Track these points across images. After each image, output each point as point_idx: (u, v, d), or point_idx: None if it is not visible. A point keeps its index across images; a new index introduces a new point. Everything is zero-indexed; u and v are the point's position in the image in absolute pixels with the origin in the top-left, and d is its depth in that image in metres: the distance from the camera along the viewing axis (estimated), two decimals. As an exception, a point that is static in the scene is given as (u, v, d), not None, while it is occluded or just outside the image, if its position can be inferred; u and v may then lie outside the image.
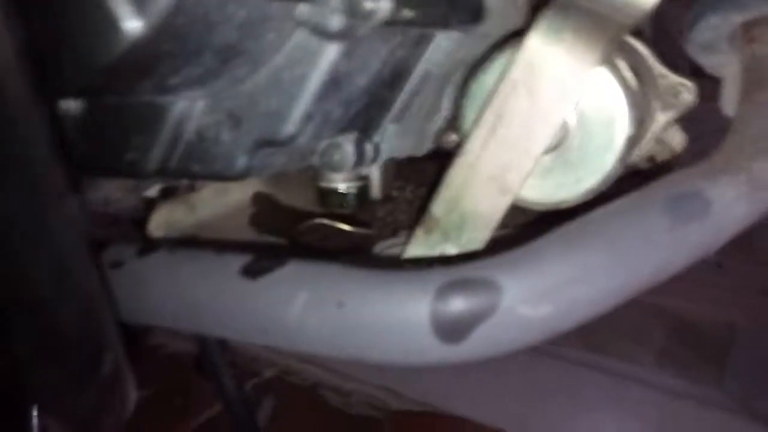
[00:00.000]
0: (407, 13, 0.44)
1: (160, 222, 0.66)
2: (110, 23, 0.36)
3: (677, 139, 0.64)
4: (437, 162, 0.71)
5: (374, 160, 0.61)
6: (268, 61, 0.47)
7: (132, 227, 0.71)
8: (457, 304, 0.37)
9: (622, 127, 0.48)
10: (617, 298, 0.38)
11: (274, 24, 0.44)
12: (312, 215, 0.74)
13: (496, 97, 0.48)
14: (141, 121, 0.51)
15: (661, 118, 0.58)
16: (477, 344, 0.37)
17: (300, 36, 0.46)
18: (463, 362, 0.39)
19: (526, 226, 0.52)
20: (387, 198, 0.74)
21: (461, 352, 0.38)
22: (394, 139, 0.62)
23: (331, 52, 0.46)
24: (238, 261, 0.45)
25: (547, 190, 0.50)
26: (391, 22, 0.42)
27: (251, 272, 0.43)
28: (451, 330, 0.37)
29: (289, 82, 0.48)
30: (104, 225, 0.73)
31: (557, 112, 0.46)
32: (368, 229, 0.72)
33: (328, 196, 0.69)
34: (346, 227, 0.71)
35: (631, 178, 0.50)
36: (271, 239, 0.67)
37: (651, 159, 0.63)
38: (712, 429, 1.23)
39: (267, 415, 1.41)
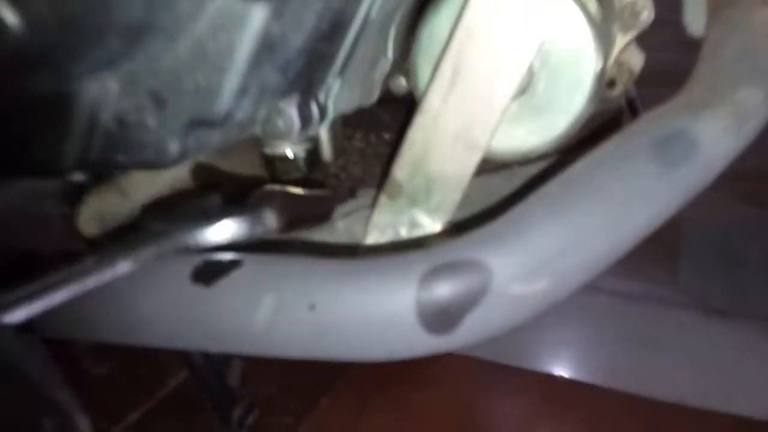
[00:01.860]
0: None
1: (91, 215, 0.60)
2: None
3: (636, 59, 0.60)
4: (384, 105, 0.66)
5: (321, 120, 0.55)
6: (186, 32, 0.40)
7: (62, 226, 0.64)
8: (444, 292, 0.33)
9: (590, 64, 0.44)
10: (613, 257, 0.35)
11: (187, -12, 0.37)
12: (259, 181, 0.68)
13: (451, 46, 0.42)
14: (46, 112, 0.44)
15: (621, 41, 0.54)
16: (469, 331, 0.34)
17: (221, 0, 0.39)
18: (454, 349, 0.36)
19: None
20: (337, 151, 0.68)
21: (453, 340, 0.35)
22: (340, 94, 0.56)
23: (258, 13, 0.40)
24: (186, 264, 0.39)
25: (516, 139, 0.46)
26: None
27: (204, 277, 0.38)
28: (440, 320, 0.34)
29: (215, 53, 0.41)
30: (29, 230, 0.66)
31: (522, 55, 0.41)
32: (323, 189, 0.67)
33: (275, 162, 0.63)
34: (299, 191, 0.66)
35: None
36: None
37: (611, 83, 0.60)
38: (671, 327, 1.28)
39: (237, 376, 1.39)
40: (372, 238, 0.49)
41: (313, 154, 0.64)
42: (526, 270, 0.33)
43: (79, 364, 1.14)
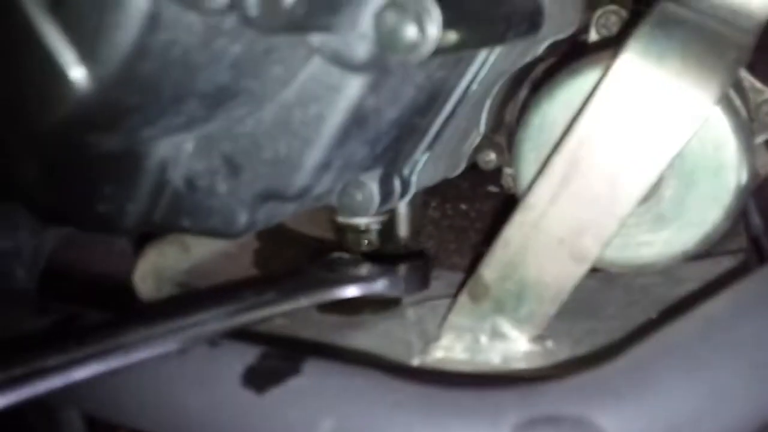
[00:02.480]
0: (459, 38, 0.33)
1: (148, 270, 0.56)
2: (53, 75, 0.26)
3: (762, 161, 0.53)
4: (466, 173, 0.60)
5: (403, 195, 0.50)
6: (274, 98, 0.36)
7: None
8: (542, 454, 0.27)
9: (733, 176, 0.37)
10: (754, 425, 0.28)
11: (281, 54, 0.33)
12: (326, 246, 0.63)
13: (569, 138, 0.37)
14: (111, 168, 0.41)
15: (756, 141, 0.47)
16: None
17: (315, 67, 0.35)
18: None
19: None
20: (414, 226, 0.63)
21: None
22: (425, 168, 0.51)
23: (355, 84, 0.35)
24: (238, 361, 0.35)
25: (630, 249, 0.40)
26: (439, 52, 0.31)
27: (256, 380, 0.33)
28: (531, 483, 0.28)
29: (302, 123, 0.37)
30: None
31: (656, 160, 0.35)
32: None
33: (346, 232, 0.59)
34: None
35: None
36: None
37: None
38: None
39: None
40: (447, 340, 0.43)
41: (388, 228, 0.59)
42: (648, 439, 0.27)
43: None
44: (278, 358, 0.34)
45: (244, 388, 0.33)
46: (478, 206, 0.74)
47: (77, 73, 0.25)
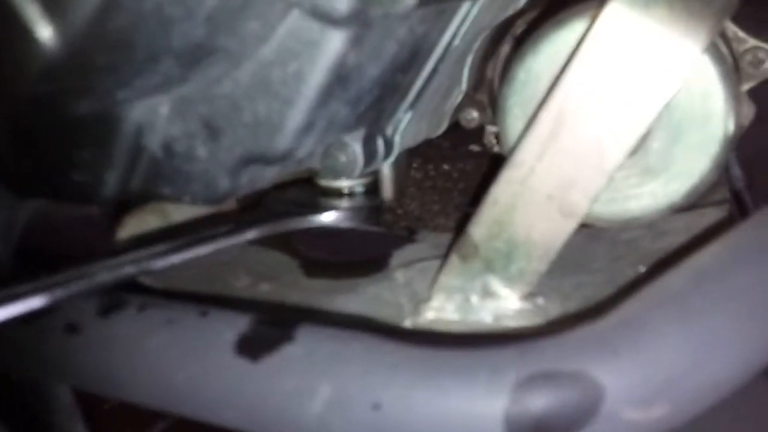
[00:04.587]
0: (443, -12, 0.31)
1: (128, 238, 0.55)
2: (19, 33, 0.24)
3: (745, 111, 0.53)
4: (447, 133, 0.59)
5: (386, 156, 0.49)
6: (251, 56, 0.35)
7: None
8: (542, 408, 0.27)
9: (721, 125, 0.37)
10: (746, 377, 0.28)
11: (258, 9, 0.32)
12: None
13: (555, 92, 0.36)
14: (86, 133, 0.39)
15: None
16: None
17: (294, 21, 0.33)
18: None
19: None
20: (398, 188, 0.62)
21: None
22: (408, 128, 0.50)
23: (336, 39, 0.34)
24: (230, 328, 0.34)
25: (617, 203, 0.39)
26: (422, 2, 0.30)
27: (250, 347, 0.33)
28: (531, 439, 0.28)
29: (282, 82, 0.35)
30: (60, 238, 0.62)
31: (643, 112, 0.34)
32: (377, 226, 0.61)
33: (329, 194, 0.58)
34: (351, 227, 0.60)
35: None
36: (266, 256, 0.56)
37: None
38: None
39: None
40: (437, 301, 0.43)
41: (372, 190, 0.59)
42: (646, 391, 0.27)
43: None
44: (270, 326, 0.34)
45: (238, 357, 0.32)
46: (461, 166, 0.73)
47: (43, 30, 0.24)
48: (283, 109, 0.36)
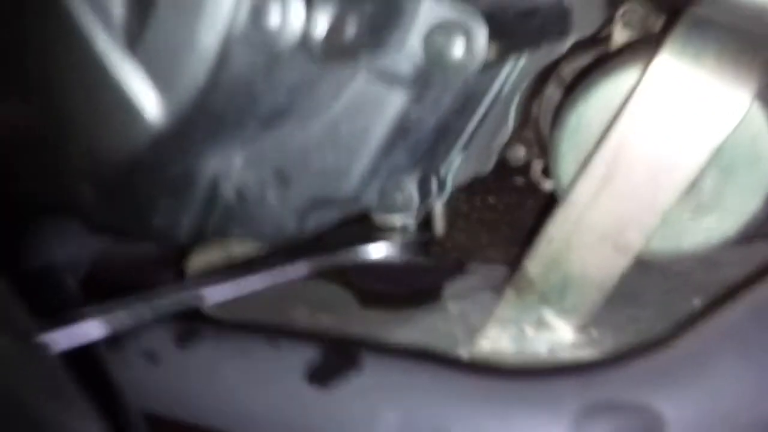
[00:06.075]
0: (499, 51, 0.34)
1: (197, 269, 0.58)
2: (130, 114, 0.28)
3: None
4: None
5: (439, 195, 0.52)
6: (322, 114, 0.38)
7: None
8: (604, 437, 0.28)
9: (771, 166, 0.38)
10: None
11: (331, 74, 0.35)
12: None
13: (609, 137, 0.38)
14: (167, 184, 0.43)
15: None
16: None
17: (361, 82, 0.36)
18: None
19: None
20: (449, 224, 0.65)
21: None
22: (459, 167, 0.52)
23: (398, 97, 0.37)
24: (299, 358, 0.37)
25: (671, 239, 0.41)
26: (483, 67, 0.33)
27: (319, 376, 0.35)
28: (592, 468, 0.29)
29: (349, 136, 0.39)
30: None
31: (696, 155, 0.36)
32: (426, 257, 0.64)
33: (383, 230, 0.61)
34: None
35: None
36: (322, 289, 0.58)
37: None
38: None
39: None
40: (493, 332, 0.45)
41: (424, 227, 0.61)
42: (705, 424, 0.28)
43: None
44: (336, 355, 0.36)
45: (309, 385, 0.35)
46: (506, 199, 0.75)
47: (153, 110, 0.27)
48: (349, 160, 0.39)
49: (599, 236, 0.39)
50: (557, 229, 0.40)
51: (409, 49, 0.33)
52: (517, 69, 0.47)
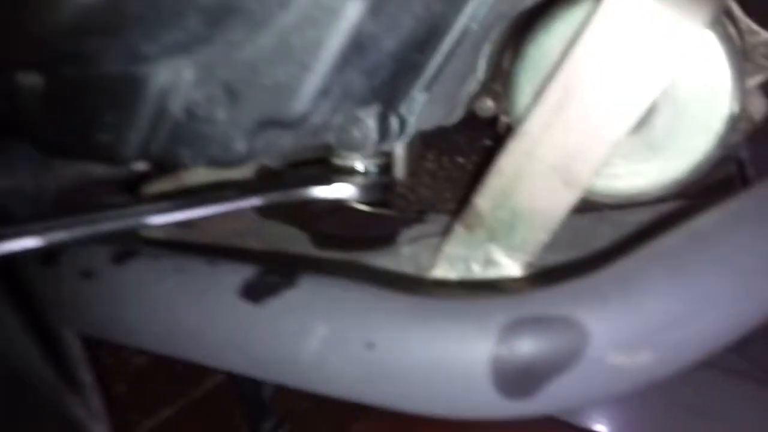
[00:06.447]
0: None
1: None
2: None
3: (757, 106, 0.54)
4: (461, 126, 0.61)
5: (400, 135, 0.51)
6: (272, 21, 0.36)
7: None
8: (528, 350, 0.28)
9: (725, 105, 0.38)
10: (734, 335, 0.29)
11: (280, -28, 0.34)
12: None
13: (564, 66, 0.37)
14: (113, 95, 0.41)
15: (749, 83, 0.47)
16: (549, 399, 0.29)
17: (314, -12, 0.35)
18: (526, 416, 0.30)
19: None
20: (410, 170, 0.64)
21: (527, 407, 0.29)
22: (422, 109, 0.51)
23: (353, 7, 0.36)
24: (236, 276, 0.36)
25: (621, 179, 0.40)
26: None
27: (254, 292, 0.34)
28: (518, 383, 0.29)
29: (300, 48, 0.37)
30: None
31: (648, 88, 0.35)
32: (388, 208, 0.63)
33: (342, 172, 0.60)
34: (363, 207, 0.62)
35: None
36: (278, 228, 0.57)
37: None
38: (728, 398, 1.16)
39: (272, 388, 1.36)
40: (440, 270, 0.44)
41: (384, 170, 0.60)
42: (630, 337, 0.27)
43: (120, 353, 1.14)
44: (274, 274, 0.35)
45: (242, 301, 0.34)
46: (476, 159, 0.74)
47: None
48: (300, 74, 0.38)
49: (549, 169, 0.38)
50: (508, 161, 0.39)
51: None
52: (485, 5, 0.46)
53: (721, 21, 0.38)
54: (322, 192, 0.55)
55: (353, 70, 0.40)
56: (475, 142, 0.78)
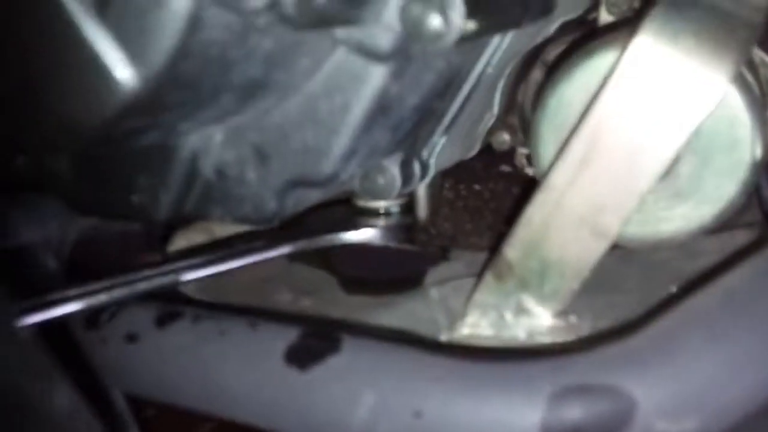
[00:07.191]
0: (479, 25, 0.34)
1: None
2: (100, 75, 0.27)
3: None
4: (478, 154, 0.61)
5: (422, 178, 0.51)
6: (300, 89, 0.37)
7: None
8: (578, 419, 0.28)
9: (748, 151, 0.38)
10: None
11: (308, 47, 0.34)
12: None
13: (588, 119, 0.38)
14: (145, 161, 0.42)
15: None
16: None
17: (340, 57, 0.36)
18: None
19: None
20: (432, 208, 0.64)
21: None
22: (443, 151, 0.52)
23: (378, 74, 0.36)
24: (279, 340, 0.36)
25: (649, 225, 0.41)
26: (461, 40, 0.32)
27: (298, 358, 0.35)
28: (565, 449, 0.29)
29: (328, 113, 0.38)
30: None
31: (674, 138, 0.36)
32: (412, 245, 0.63)
33: (365, 214, 0.61)
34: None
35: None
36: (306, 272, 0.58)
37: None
38: None
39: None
40: (472, 318, 0.44)
41: (407, 211, 0.61)
42: (675, 405, 0.28)
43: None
44: (316, 338, 0.36)
45: (288, 367, 0.35)
46: (492, 186, 0.75)
47: (124, 73, 0.27)
48: (328, 137, 0.39)
49: (577, 220, 0.38)
50: (536, 212, 0.40)
51: (385, 20, 0.32)
52: (500, 50, 0.47)
53: (743, 75, 0.38)
54: (348, 237, 0.56)
55: (379, 129, 0.41)
56: (491, 168, 0.78)
